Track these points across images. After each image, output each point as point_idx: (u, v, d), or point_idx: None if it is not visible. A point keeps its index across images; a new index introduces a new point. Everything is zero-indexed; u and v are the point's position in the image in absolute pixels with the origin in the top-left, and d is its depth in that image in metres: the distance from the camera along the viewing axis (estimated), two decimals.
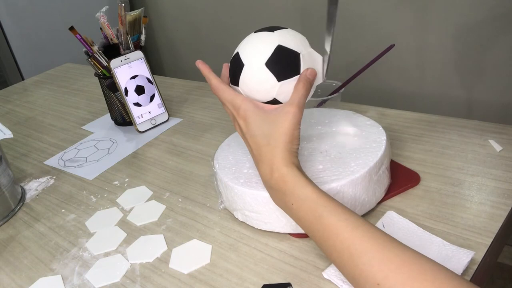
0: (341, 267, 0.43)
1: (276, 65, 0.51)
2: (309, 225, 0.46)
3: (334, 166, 0.57)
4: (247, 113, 0.52)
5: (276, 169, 0.48)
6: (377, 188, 0.58)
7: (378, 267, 0.39)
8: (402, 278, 0.38)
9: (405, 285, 0.37)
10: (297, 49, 0.52)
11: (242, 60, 0.53)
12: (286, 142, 0.49)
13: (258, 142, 0.50)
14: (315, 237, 0.46)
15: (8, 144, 0.98)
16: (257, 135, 0.51)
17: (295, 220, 0.49)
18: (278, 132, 0.49)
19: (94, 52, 0.91)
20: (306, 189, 0.47)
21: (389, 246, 0.41)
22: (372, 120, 0.67)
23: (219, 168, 0.63)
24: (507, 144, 0.68)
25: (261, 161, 0.50)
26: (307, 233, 0.47)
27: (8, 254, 0.65)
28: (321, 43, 0.54)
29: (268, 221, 0.57)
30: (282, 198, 0.49)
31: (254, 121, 0.51)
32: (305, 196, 0.46)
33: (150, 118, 0.95)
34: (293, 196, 0.47)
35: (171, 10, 1.98)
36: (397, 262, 0.39)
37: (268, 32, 0.54)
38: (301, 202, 0.46)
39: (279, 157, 0.49)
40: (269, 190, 0.51)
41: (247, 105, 0.52)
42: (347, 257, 0.42)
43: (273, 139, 0.49)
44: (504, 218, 0.55)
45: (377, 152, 0.59)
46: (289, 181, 0.48)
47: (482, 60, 1.23)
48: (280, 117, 0.50)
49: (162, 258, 0.59)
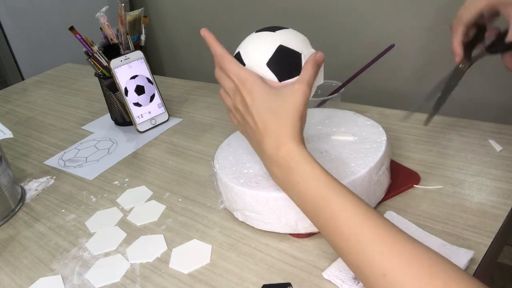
0: (345, 253, 0.42)
1: (277, 65, 0.51)
2: (314, 206, 0.44)
3: (334, 166, 0.57)
4: (253, 87, 0.49)
5: (284, 144, 0.47)
6: (377, 188, 0.58)
7: (387, 258, 0.38)
8: (411, 272, 0.37)
9: (412, 278, 0.37)
10: (299, 49, 0.52)
11: (243, 60, 0.53)
12: (296, 118, 0.48)
13: (265, 116, 0.48)
14: (319, 220, 0.44)
15: (8, 144, 0.98)
16: (263, 108, 0.48)
17: (296, 200, 0.47)
18: (288, 107, 0.48)
19: (94, 52, 0.91)
20: (314, 169, 0.45)
21: (400, 238, 0.39)
22: (372, 120, 0.67)
23: (219, 168, 0.63)
24: (507, 144, 0.68)
25: (267, 135, 0.48)
26: (308, 214, 0.45)
27: (8, 254, 0.65)
28: (321, 43, 0.54)
29: (268, 221, 0.57)
30: (287, 175, 0.47)
31: (262, 95, 0.49)
32: (313, 175, 0.44)
33: (150, 118, 0.95)
34: (299, 174, 0.45)
35: (171, 10, 1.98)
36: (406, 254, 0.38)
37: (269, 32, 0.54)
38: (309, 182, 0.44)
39: (288, 132, 0.47)
40: (273, 167, 0.49)
41: (254, 78, 0.50)
42: (354, 244, 0.40)
43: (282, 114, 0.48)
44: (504, 218, 0.55)
45: (377, 152, 0.58)
46: (297, 158, 0.46)
47: (482, 60, 1.23)
48: (290, 93, 0.49)
49: (162, 258, 0.59)
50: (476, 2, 0.57)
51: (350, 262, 0.41)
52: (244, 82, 0.50)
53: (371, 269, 0.39)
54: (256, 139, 0.50)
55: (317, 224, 0.45)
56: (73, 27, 0.90)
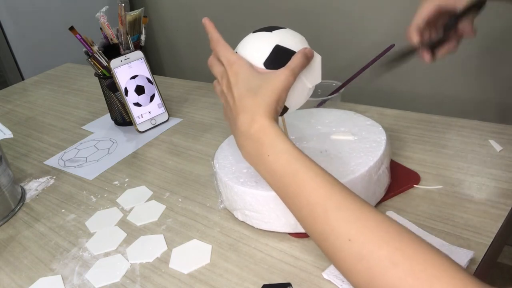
0: (310, 223, 0.43)
1: (274, 65, 0.52)
2: (283, 178, 0.45)
3: (334, 165, 0.57)
4: (240, 68, 0.51)
5: (258, 120, 0.48)
6: (377, 188, 0.58)
7: (353, 224, 0.39)
8: (377, 237, 0.38)
9: (380, 242, 0.37)
10: (296, 49, 0.52)
11: None
12: (273, 98, 0.49)
13: (243, 93, 0.50)
14: (287, 191, 0.45)
15: (8, 144, 0.98)
16: (244, 87, 0.50)
17: (265, 173, 0.48)
18: (268, 87, 0.49)
19: (94, 52, 0.91)
20: (285, 144, 0.46)
21: (365, 206, 0.41)
22: (372, 120, 0.67)
23: (219, 167, 0.63)
24: (507, 144, 0.68)
25: (242, 111, 0.49)
26: (277, 187, 0.47)
27: (8, 254, 0.65)
28: (321, 42, 0.54)
29: (268, 220, 0.57)
30: (258, 149, 0.48)
31: (245, 76, 0.51)
32: (284, 149, 0.46)
33: (150, 118, 0.95)
34: (271, 148, 0.47)
35: (171, 10, 1.98)
36: (373, 222, 0.39)
37: (266, 32, 0.54)
38: (279, 154, 0.46)
39: (264, 109, 0.48)
40: (244, 141, 0.49)
41: (242, 62, 0.52)
42: (320, 211, 0.41)
43: (260, 92, 0.49)
44: (504, 218, 0.55)
45: (377, 151, 0.59)
46: (270, 133, 0.47)
47: (482, 60, 1.23)
48: (273, 76, 0.50)
49: (162, 258, 0.59)
50: (423, 7, 0.61)
51: (316, 231, 0.42)
52: (232, 65, 0.52)
53: (337, 236, 0.39)
54: (233, 117, 0.51)
55: (285, 196, 0.46)
56: (73, 27, 0.90)
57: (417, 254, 0.36)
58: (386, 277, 0.36)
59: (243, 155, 0.51)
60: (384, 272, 0.36)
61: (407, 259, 0.35)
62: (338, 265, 0.40)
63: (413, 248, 0.36)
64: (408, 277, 0.35)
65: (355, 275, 0.38)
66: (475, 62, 1.22)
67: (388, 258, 0.36)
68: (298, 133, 0.67)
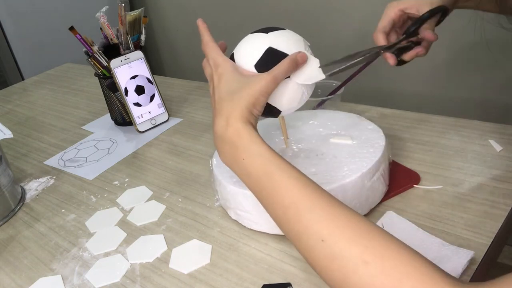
0: (285, 223, 0.43)
1: (265, 67, 0.51)
2: (258, 181, 0.46)
3: (327, 169, 0.57)
4: (224, 71, 0.52)
5: (232, 124, 0.48)
6: (370, 194, 0.58)
7: (325, 224, 0.40)
8: (349, 235, 0.38)
9: (350, 241, 0.38)
10: (289, 52, 0.52)
11: (235, 61, 0.54)
12: (249, 102, 0.49)
13: (222, 96, 0.50)
14: (262, 193, 0.46)
15: (8, 144, 0.98)
16: (224, 90, 0.51)
17: (242, 176, 0.48)
18: (245, 91, 0.49)
19: (94, 52, 0.91)
20: (259, 146, 0.47)
21: (337, 205, 0.41)
22: (375, 124, 0.66)
23: (215, 166, 0.63)
24: (507, 144, 0.68)
25: (219, 114, 0.50)
26: (253, 190, 0.47)
27: (8, 254, 0.65)
28: (321, 43, 0.53)
29: (258, 221, 0.57)
30: (233, 153, 0.48)
31: (227, 78, 0.51)
32: (258, 152, 0.46)
33: (150, 118, 0.95)
34: (245, 151, 0.47)
35: (171, 10, 1.98)
36: (344, 220, 0.40)
37: (261, 34, 0.54)
38: (254, 157, 0.46)
39: (238, 112, 0.48)
40: (220, 144, 0.50)
41: (226, 64, 0.52)
42: (293, 213, 0.42)
43: (237, 96, 0.49)
44: (504, 218, 0.55)
45: (373, 158, 0.58)
46: (244, 136, 0.47)
47: (482, 60, 1.23)
48: (252, 80, 0.50)
49: (162, 258, 0.59)
50: (386, 11, 0.65)
51: (290, 232, 0.43)
52: (217, 67, 0.52)
53: (310, 236, 0.40)
54: (212, 119, 0.52)
55: (261, 198, 0.47)
56: (73, 27, 0.90)
57: (387, 251, 0.37)
58: (358, 276, 0.36)
59: (220, 158, 0.51)
60: (356, 271, 0.37)
61: (377, 257, 0.36)
62: (313, 265, 0.41)
63: (384, 246, 0.37)
64: (379, 274, 0.36)
65: (329, 275, 0.39)
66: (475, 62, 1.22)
67: (359, 257, 0.37)
68: (298, 134, 0.67)
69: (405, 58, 0.64)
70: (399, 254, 0.36)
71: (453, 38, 1.23)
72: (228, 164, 0.50)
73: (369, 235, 0.38)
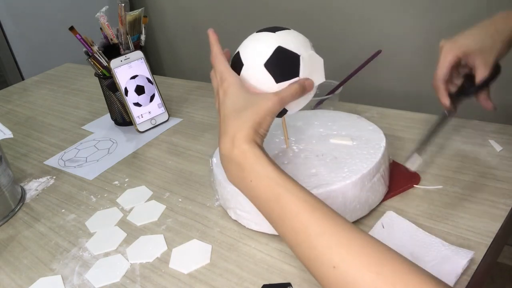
0: (297, 248, 0.43)
1: (275, 66, 0.51)
2: (267, 203, 0.45)
3: (327, 170, 0.57)
4: (230, 86, 0.51)
5: (238, 145, 0.47)
6: (371, 195, 0.58)
7: (336, 250, 0.39)
8: (360, 262, 0.38)
9: (362, 268, 0.37)
10: (297, 51, 0.52)
11: (242, 60, 0.53)
12: (255, 122, 0.48)
13: (228, 114, 0.49)
14: (271, 216, 0.45)
15: (8, 144, 0.98)
16: (230, 108, 0.50)
17: (251, 198, 0.48)
18: (251, 110, 0.49)
19: (94, 52, 0.91)
20: (266, 167, 0.46)
21: (348, 229, 0.40)
22: (375, 125, 0.66)
23: (215, 165, 0.63)
24: (507, 144, 0.68)
25: (224, 133, 0.49)
26: (263, 212, 0.47)
27: (8, 254, 0.65)
28: (321, 41, 0.53)
29: (257, 221, 0.57)
30: (240, 174, 0.48)
31: (233, 95, 0.50)
32: (265, 173, 0.46)
33: (150, 118, 0.95)
34: (252, 173, 0.46)
35: (171, 10, 1.98)
36: (355, 246, 0.39)
37: (269, 33, 0.54)
38: (261, 179, 0.46)
39: (243, 133, 0.48)
40: (228, 165, 0.49)
41: (233, 79, 0.51)
42: (304, 238, 0.41)
43: (243, 115, 0.48)
44: (504, 218, 0.55)
45: (373, 159, 0.58)
46: (250, 158, 0.47)
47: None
48: (260, 100, 0.50)
49: (162, 258, 0.59)
50: (445, 58, 0.62)
51: (302, 256, 0.42)
52: (223, 81, 0.52)
53: (322, 262, 0.40)
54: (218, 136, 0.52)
55: (271, 221, 0.46)
56: (73, 27, 0.90)
57: (398, 277, 0.36)
58: None
59: (228, 178, 0.50)
60: None
61: (389, 285, 0.36)
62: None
63: (395, 271, 0.37)
64: None
65: None
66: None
67: (371, 285, 0.36)
68: (299, 134, 0.67)
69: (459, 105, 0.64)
70: (410, 279, 0.36)
71: None
72: (236, 185, 0.50)
73: (380, 260, 0.37)
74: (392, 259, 0.38)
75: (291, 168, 0.59)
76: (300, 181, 0.55)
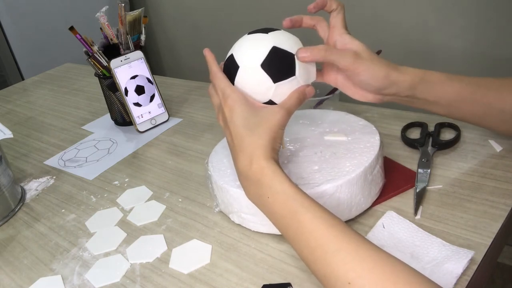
0: (312, 264, 0.43)
1: (271, 66, 0.51)
2: (283, 220, 0.46)
3: (329, 166, 0.58)
4: (235, 103, 0.52)
5: (256, 161, 0.48)
6: (372, 187, 0.59)
7: (351, 266, 0.40)
8: (375, 278, 0.38)
9: (377, 285, 0.38)
10: (292, 50, 0.52)
11: (237, 62, 0.53)
12: (271, 137, 0.49)
13: (241, 132, 0.50)
14: (288, 232, 0.46)
15: (8, 144, 0.98)
16: (241, 125, 0.50)
17: (267, 214, 0.49)
18: (264, 126, 0.50)
19: (94, 52, 0.91)
20: (283, 184, 0.47)
21: (363, 246, 0.41)
22: (365, 120, 0.67)
23: (213, 170, 0.63)
24: (507, 144, 0.68)
25: (241, 151, 0.50)
26: (279, 228, 0.47)
27: (8, 254, 0.65)
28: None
29: (265, 223, 0.57)
30: (258, 191, 0.49)
31: (241, 111, 0.51)
32: (282, 190, 0.46)
33: (150, 118, 0.95)
34: (270, 189, 0.47)
35: (171, 10, 1.99)
36: (370, 262, 0.39)
37: (262, 34, 0.54)
38: (277, 196, 0.46)
39: (261, 150, 0.49)
40: (245, 182, 0.51)
41: (237, 95, 0.52)
42: (320, 254, 0.42)
43: (257, 132, 0.49)
44: (504, 218, 0.55)
45: (372, 152, 0.59)
46: (267, 174, 0.48)
47: (482, 60, 1.23)
48: (269, 114, 0.51)
49: (162, 258, 0.59)
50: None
51: (318, 272, 0.43)
52: (227, 98, 0.52)
53: (337, 278, 0.40)
54: (233, 154, 0.52)
55: (287, 237, 0.46)
56: (73, 27, 0.90)
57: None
58: None
59: (246, 195, 0.51)
60: None
61: None
62: None
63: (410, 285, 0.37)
64: None
65: None
66: (475, 62, 1.22)
67: None
68: (292, 134, 0.67)
69: None
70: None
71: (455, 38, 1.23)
72: (254, 202, 0.50)
73: (394, 276, 0.38)
74: (406, 273, 0.38)
75: (292, 167, 0.59)
76: (305, 178, 0.56)
